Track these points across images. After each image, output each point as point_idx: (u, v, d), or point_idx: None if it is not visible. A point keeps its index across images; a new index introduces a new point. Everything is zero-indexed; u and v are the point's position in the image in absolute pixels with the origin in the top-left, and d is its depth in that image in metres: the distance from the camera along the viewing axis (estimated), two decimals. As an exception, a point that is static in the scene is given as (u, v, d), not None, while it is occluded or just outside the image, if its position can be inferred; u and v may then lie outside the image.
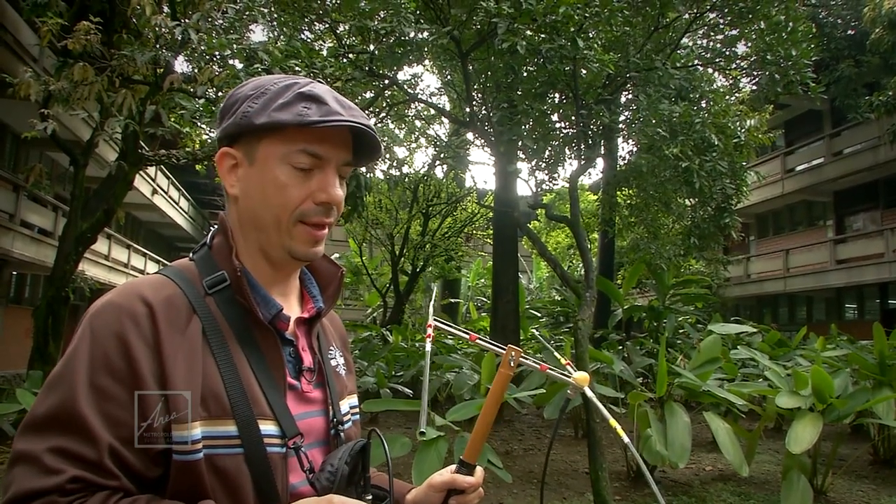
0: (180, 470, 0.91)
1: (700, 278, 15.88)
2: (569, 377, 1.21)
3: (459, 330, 1.31)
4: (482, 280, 26.09)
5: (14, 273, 16.87)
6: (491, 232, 16.02)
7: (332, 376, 1.15)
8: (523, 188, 22.87)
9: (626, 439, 1.19)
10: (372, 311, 23.62)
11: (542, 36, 5.96)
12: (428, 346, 1.25)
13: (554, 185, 9.99)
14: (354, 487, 1.03)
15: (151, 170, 21.68)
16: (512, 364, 1.18)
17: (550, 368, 1.24)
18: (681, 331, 12.96)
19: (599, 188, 15.33)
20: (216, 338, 0.98)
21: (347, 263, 22.65)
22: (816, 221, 23.79)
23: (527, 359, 1.21)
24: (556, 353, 1.24)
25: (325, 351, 1.17)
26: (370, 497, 1.03)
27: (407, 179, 17.14)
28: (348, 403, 1.19)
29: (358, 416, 1.23)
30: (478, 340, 1.29)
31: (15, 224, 14.04)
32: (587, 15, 6.09)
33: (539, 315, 17.25)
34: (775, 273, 22.94)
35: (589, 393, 1.21)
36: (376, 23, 6.33)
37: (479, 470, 1.17)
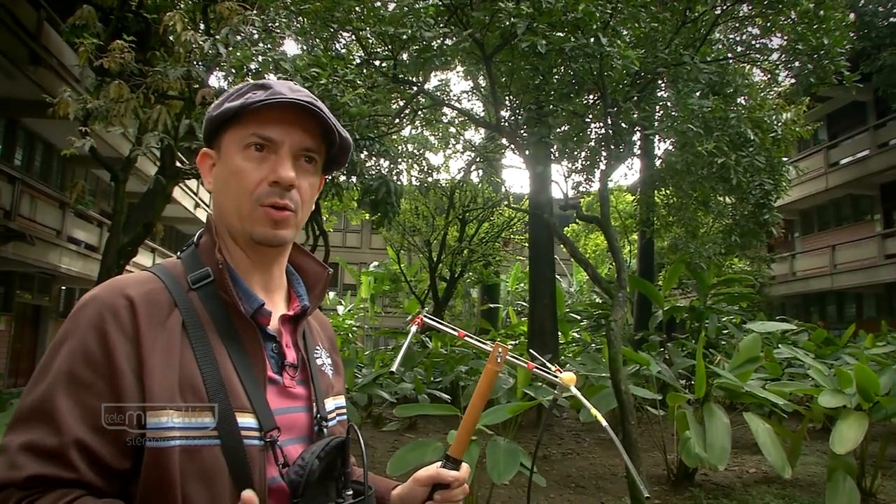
0: (152, 458, 0.91)
1: (743, 277, 15.55)
2: (555, 377, 1.21)
3: (448, 327, 1.32)
4: (521, 284, 25.97)
5: (63, 288, 17.37)
6: (528, 236, 15.97)
7: (318, 374, 1.16)
8: (559, 191, 22.70)
9: (604, 423, 1.19)
10: (411, 317, 23.67)
11: (565, 34, 5.91)
12: (413, 328, 1.31)
13: (590, 185, 9.90)
14: (334, 483, 1.04)
15: (193, 184, 22.11)
16: (499, 360, 1.20)
17: (537, 367, 1.24)
18: (724, 331, 12.71)
19: (637, 189, 15.14)
20: (196, 331, 1.00)
21: (386, 271, 22.77)
22: (863, 216, 23.08)
23: (513, 356, 1.22)
24: (546, 364, 1.26)
25: (310, 350, 1.18)
26: (350, 493, 1.04)
27: (441, 185, 17.16)
28: (334, 403, 1.20)
29: (345, 417, 1.24)
30: (466, 338, 1.30)
31: (62, 240, 14.49)
32: (610, 11, 6.02)
33: (579, 318, 17.09)
34: (822, 270, 22.33)
35: (575, 391, 1.21)
36: (398, 29, 6.34)
37: (464, 466, 1.18)
